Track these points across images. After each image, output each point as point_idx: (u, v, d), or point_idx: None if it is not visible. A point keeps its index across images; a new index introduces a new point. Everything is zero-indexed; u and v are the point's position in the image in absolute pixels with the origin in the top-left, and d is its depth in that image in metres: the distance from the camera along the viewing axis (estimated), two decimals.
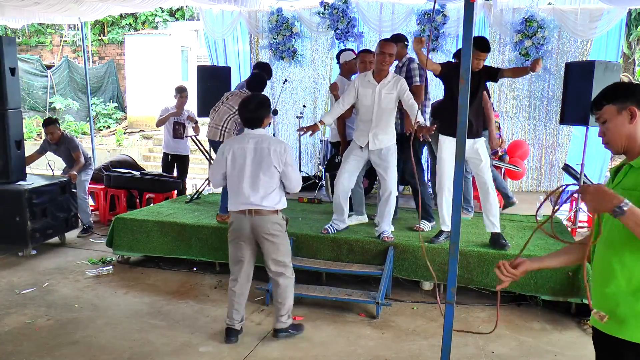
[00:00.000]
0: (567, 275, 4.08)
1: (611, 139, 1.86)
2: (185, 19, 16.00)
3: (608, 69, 5.01)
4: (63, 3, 7.13)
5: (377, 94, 4.37)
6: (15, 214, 5.29)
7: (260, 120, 3.51)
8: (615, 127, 1.83)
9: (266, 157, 3.41)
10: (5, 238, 5.42)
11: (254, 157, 3.43)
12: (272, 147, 3.43)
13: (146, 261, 5.28)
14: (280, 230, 3.51)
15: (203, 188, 6.48)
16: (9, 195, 5.32)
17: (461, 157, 2.60)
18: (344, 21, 7.61)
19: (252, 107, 3.50)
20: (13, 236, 5.36)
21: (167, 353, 3.47)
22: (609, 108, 1.84)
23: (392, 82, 4.38)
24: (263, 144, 3.44)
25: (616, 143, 1.85)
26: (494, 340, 3.72)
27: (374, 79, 4.41)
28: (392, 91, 4.36)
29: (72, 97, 15.49)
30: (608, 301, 1.81)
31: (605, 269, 1.84)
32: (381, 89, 4.37)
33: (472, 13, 2.48)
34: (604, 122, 1.86)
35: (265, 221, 3.44)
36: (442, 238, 4.47)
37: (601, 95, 1.88)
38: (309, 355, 3.48)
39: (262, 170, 3.42)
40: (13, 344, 3.54)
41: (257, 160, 3.43)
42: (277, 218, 3.49)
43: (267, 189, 3.43)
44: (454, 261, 2.63)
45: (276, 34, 8.01)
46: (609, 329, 1.80)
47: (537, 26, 7.04)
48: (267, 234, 3.46)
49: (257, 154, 3.43)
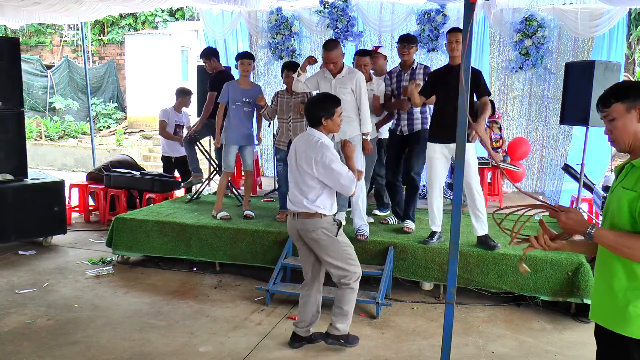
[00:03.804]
0: (567, 275, 4.09)
1: (618, 137, 1.86)
2: (185, 19, 16.01)
3: (608, 68, 5.00)
4: (63, 3, 7.13)
5: (333, 88, 4.50)
6: (55, 204, 5.78)
7: (313, 119, 3.34)
8: (624, 126, 1.83)
9: (306, 163, 3.26)
10: (45, 228, 5.81)
11: (302, 156, 3.30)
12: (312, 152, 3.26)
13: (146, 261, 5.28)
14: (325, 235, 3.30)
15: (203, 188, 6.48)
16: (49, 187, 5.80)
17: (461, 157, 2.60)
18: (343, 20, 7.61)
19: (308, 105, 3.43)
20: (53, 225, 5.84)
21: (167, 353, 3.47)
22: (618, 106, 1.84)
23: (346, 77, 4.53)
24: (306, 147, 3.30)
25: (623, 141, 1.86)
26: (494, 340, 3.73)
27: (330, 74, 4.58)
28: (347, 85, 4.50)
29: (72, 97, 15.50)
30: (612, 298, 1.83)
31: (607, 266, 1.86)
32: (337, 83, 4.53)
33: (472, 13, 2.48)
34: (612, 119, 1.86)
35: (308, 225, 3.30)
36: (435, 239, 4.46)
37: (610, 92, 1.87)
38: (308, 355, 3.48)
39: (299, 173, 3.31)
40: (13, 344, 3.54)
41: (303, 160, 3.29)
42: (321, 222, 3.29)
43: (310, 191, 3.29)
44: (454, 261, 2.63)
45: (275, 33, 8.01)
46: (613, 326, 1.81)
47: (537, 25, 7.02)
48: (310, 238, 3.33)
49: (300, 157, 3.31)
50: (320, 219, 3.29)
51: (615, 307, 1.81)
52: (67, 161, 13.24)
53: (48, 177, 6.22)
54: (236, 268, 4.99)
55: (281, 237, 4.76)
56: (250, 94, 5.43)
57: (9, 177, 5.51)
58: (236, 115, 5.37)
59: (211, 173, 6.90)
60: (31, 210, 5.61)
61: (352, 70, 4.62)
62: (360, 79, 4.51)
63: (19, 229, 5.55)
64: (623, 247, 1.75)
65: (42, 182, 5.80)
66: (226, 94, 5.36)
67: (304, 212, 3.30)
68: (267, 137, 8.22)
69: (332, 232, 3.32)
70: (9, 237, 5.53)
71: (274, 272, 4.43)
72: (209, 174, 6.92)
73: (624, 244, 1.75)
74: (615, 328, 1.81)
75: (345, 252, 3.37)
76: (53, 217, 5.80)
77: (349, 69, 4.61)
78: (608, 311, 1.85)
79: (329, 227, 3.31)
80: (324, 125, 3.33)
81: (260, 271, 4.84)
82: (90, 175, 7.39)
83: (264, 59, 8.20)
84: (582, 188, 5.41)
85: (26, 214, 5.57)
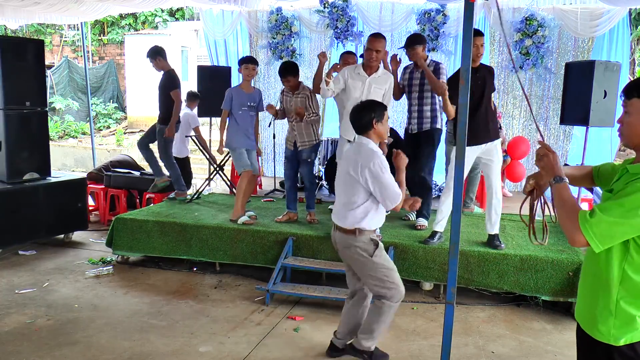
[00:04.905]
0: (567, 275, 4.09)
1: (627, 132, 1.79)
2: (185, 19, 16.00)
3: (608, 69, 5.00)
4: (63, 3, 7.14)
5: (367, 87, 4.39)
6: (78, 200, 5.94)
7: (362, 125, 3.11)
8: (635, 123, 1.76)
9: (353, 169, 3.05)
10: (70, 223, 5.95)
11: (346, 166, 3.12)
12: (358, 156, 3.05)
13: (146, 261, 5.28)
14: (360, 255, 3.10)
15: (203, 188, 6.47)
16: (73, 184, 5.94)
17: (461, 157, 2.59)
18: (343, 20, 7.61)
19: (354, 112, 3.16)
20: (76, 221, 5.98)
21: (167, 353, 3.47)
22: (637, 102, 1.75)
23: (382, 77, 4.43)
24: (355, 154, 3.09)
25: (631, 138, 1.79)
26: (494, 340, 3.73)
27: (365, 72, 4.44)
28: (382, 86, 4.40)
29: (72, 97, 15.49)
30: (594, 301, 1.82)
31: (591, 269, 1.85)
32: (372, 82, 4.41)
33: (472, 13, 2.48)
34: (627, 112, 1.78)
35: (344, 241, 3.13)
36: (435, 239, 4.46)
37: (635, 85, 1.78)
38: (309, 355, 3.48)
39: (347, 182, 3.11)
40: (13, 344, 3.54)
41: (348, 170, 3.10)
42: (356, 240, 3.08)
43: (349, 203, 3.10)
44: (454, 261, 2.63)
45: (275, 33, 8.01)
46: (592, 331, 1.81)
47: (537, 25, 7.03)
48: (346, 254, 3.19)
49: (349, 164, 3.10)
50: (356, 237, 3.08)
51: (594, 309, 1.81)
52: (67, 161, 13.23)
53: (67, 174, 6.47)
54: (236, 268, 4.99)
55: (281, 237, 4.76)
56: (253, 98, 5.43)
57: (35, 176, 5.62)
58: (243, 120, 5.35)
59: (211, 173, 6.90)
60: (59, 207, 5.75)
61: (386, 72, 4.52)
62: (392, 82, 4.42)
63: (49, 225, 5.70)
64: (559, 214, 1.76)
65: (67, 180, 5.94)
66: (230, 100, 5.30)
67: (341, 226, 3.13)
68: (267, 138, 8.23)
69: (368, 252, 3.09)
70: (39, 233, 5.64)
71: (274, 272, 4.43)
72: (209, 174, 6.92)
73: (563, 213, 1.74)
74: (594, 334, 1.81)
75: (382, 273, 3.11)
76: (76, 213, 5.97)
77: (384, 70, 4.49)
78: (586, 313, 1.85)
79: (364, 247, 3.09)
80: (374, 129, 3.09)
81: (260, 271, 4.84)
82: (90, 175, 7.38)
83: (264, 59, 8.21)
84: (581, 188, 5.42)
85: (54, 211, 5.71)
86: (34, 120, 5.60)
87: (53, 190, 5.71)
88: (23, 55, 5.42)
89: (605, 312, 1.75)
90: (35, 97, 5.57)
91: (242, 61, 5.45)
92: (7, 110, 5.34)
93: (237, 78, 7.98)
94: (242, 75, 5.45)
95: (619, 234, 1.66)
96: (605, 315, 1.75)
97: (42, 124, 5.71)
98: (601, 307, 1.77)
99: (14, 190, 5.38)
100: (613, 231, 1.65)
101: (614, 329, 1.74)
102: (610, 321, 1.75)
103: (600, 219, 1.65)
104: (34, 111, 5.59)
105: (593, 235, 1.65)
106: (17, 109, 5.43)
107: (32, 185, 5.54)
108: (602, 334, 1.76)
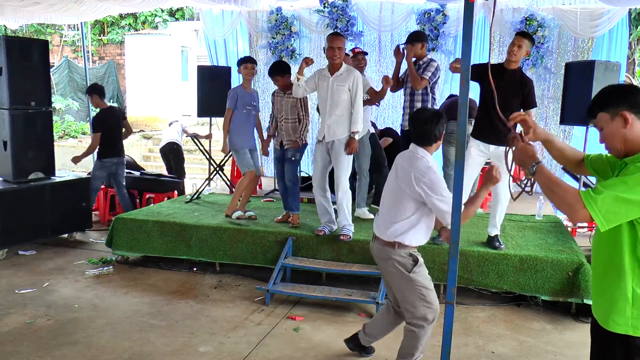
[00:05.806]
0: (567, 275, 4.09)
1: (609, 145, 1.86)
2: (185, 19, 16.00)
3: (608, 69, 5.00)
4: (63, 3, 7.14)
5: (330, 86, 4.45)
6: (83, 199, 6.02)
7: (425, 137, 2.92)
8: (611, 134, 1.82)
9: (402, 180, 2.91)
10: (75, 223, 6.02)
11: (395, 176, 2.98)
12: (412, 168, 2.87)
13: (146, 261, 5.28)
14: (396, 269, 2.93)
15: (203, 188, 6.47)
16: (78, 184, 6.01)
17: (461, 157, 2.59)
18: (343, 20, 7.61)
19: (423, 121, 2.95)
20: (80, 220, 6.05)
21: (167, 353, 3.47)
22: (602, 115, 1.83)
23: (344, 75, 4.47)
24: (405, 163, 2.93)
25: (615, 148, 1.85)
26: (494, 340, 3.73)
27: (329, 72, 4.51)
28: (345, 83, 4.45)
29: (72, 97, 15.48)
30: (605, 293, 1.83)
31: (601, 260, 1.87)
32: (334, 81, 4.47)
33: (472, 13, 2.48)
34: (601, 129, 1.85)
35: (382, 253, 2.98)
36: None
37: (593, 103, 1.88)
38: (309, 355, 3.48)
39: (393, 193, 2.97)
40: (13, 344, 3.54)
41: (396, 181, 2.97)
42: (394, 253, 2.92)
43: (391, 215, 2.94)
44: (454, 261, 2.62)
45: (275, 33, 8.01)
46: (608, 324, 1.81)
47: (537, 25, 7.02)
48: (382, 267, 3.06)
49: (398, 174, 2.96)
50: (395, 250, 2.92)
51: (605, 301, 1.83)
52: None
53: (71, 174, 6.61)
54: (236, 268, 4.99)
55: (281, 237, 4.76)
56: (254, 98, 5.49)
57: (41, 175, 5.65)
58: (248, 119, 5.38)
59: (211, 173, 6.90)
60: (64, 206, 5.80)
61: (351, 68, 4.58)
62: (358, 78, 4.48)
63: (55, 224, 5.74)
64: (551, 191, 1.80)
65: (72, 179, 6.02)
66: (235, 100, 5.30)
67: (380, 238, 2.99)
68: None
69: (406, 267, 2.92)
70: (45, 232, 5.68)
71: (274, 272, 4.44)
72: (209, 174, 6.92)
73: (553, 189, 1.80)
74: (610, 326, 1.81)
75: (417, 291, 2.94)
76: (81, 212, 6.03)
77: (347, 67, 4.57)
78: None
79: (402, 262, 2.92)
80: (435, 145, 2.95)
81: (260, 271, 4.84)
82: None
83: (263, 59, 8.20)
84: (581, 188, 5.41)
85: (60, 210, 5.75)
86: (39, 120, 5.63)
87: (58, 190, 5.74)
88: (28, 55, 5.44)
89: (622, 301, 1.75)
90: (40, 97, 5.60)
91: (242, 61, 5.49)
92: (13, 110, 5.36)
93: (237, 78, 7.99)
94: (242, 75, 5.46)
95: (623, 211, 1.68)
96: (622, 305, 1.75)
97: (47, 123, 5.74)
98: (617, 297, 1.76)
99: (20, 190, 5.41)
100: (617, 207, 1.67)
101: (633, 319, 1.73)
102: (627, 310, 1.74)
103: (605, 194, 1.68)
104: (39, 111, 5.61)
105: (598, 211, 1.67)
106: (23, 109, 5.45)
107: (37, 184, 5.56)
108: (619, 325, 1.75)
